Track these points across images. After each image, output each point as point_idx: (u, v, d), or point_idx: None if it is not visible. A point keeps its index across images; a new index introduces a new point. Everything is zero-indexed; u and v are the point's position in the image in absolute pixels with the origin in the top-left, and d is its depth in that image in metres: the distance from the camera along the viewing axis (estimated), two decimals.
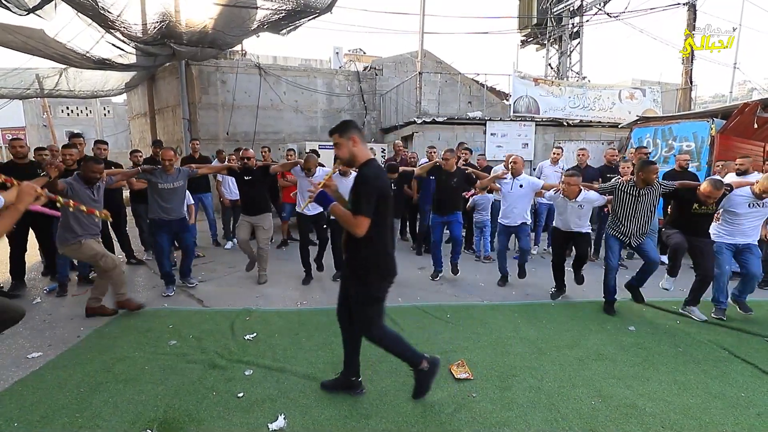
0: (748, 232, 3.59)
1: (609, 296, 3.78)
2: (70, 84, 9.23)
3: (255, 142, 9.72)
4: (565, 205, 3.94)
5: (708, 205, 3.48)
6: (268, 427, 2.12)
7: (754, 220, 3.59)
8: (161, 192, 3.95)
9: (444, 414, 2.24)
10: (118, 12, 5.16)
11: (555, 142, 8.82)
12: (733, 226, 3.62)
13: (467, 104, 11.27)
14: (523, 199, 4.38)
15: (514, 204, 4.37)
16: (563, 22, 13.02)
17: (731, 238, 3.63)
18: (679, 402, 2.37)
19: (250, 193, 4.41)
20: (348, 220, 2.03)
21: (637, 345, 3.10)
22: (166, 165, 3.92)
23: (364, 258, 2.12)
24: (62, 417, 2.19)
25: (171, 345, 3.03)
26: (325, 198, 2.10)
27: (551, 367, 2.75)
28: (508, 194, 4.40)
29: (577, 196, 3.81)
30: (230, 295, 4.15)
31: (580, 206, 3.89)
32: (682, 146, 6.52)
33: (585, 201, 3.86)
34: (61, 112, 19.95)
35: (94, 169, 3.34)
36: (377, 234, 2.05)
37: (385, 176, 2.15)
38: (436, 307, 3.83)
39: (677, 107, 10.16)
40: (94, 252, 3.35)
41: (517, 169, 4.33)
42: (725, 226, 3.68)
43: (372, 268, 2.12)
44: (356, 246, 2.10)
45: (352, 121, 2.21)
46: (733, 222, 3.63)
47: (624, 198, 3.64)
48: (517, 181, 4.35)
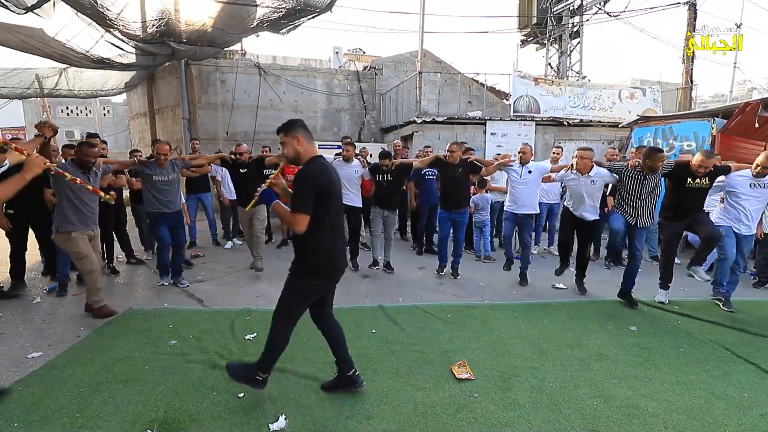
0: (752, 215, 3.66)
1: (617, 247, 4.03)
2: (70, 84, 9.23)
3: (255, 141, 9.70)
4: (578, 181, 3.98)
5: (701, 177, 3.56)
6: (269, 427, 2.11)
7: (757, 203, 3.67)
8: (156, 184, 4.01)
9: (445, 414, 2.23)
10: (118, 11, 5.15)
11: (555, 142, 8.81)
12: (737, 209, 3.69)
13: (467, 104, 11.25)
14: (533, 185, 4.45)
15: (523, 190, 4.42)
16: (563, 22, 13.01)
17: (736, 223, 3.71)
18: (682, 402, 2.36)
19: (245, 186, 4.49)
20: (287, 218, 2.09)
21: (638, 345, 3.09)
22: (160, 159, 3.97)
23: (304, 254, 2.15)
24: (62, 417, 2.18)
25: (171, 345, 3.02)
26: (269, 196, 2.18)
27: (553, 367, 2.74)
28: (518, 181, 4.44)
29: (589, 171, 3.90)
30: (230, 295, 4.14)
31: (593, 182, 3.93)
32: (683, 146, 6.52)
33: (597, 176, 3.92)
34: (61, 112, 19.93)
35: (88, 153, 3.29)
36: (317, 230, 2.07)
37: (329, 174, 2.15)
38: (437, 307, 3.83)
39: (677, 107, 10.16)
40: (78, 249, 3.28)
41: (526, 158, 4.40)
42: (729, 210, 3.74)
43: (310, 264, 2.13)
44: (299, 241, 2.15)
45: (298, 120, 2.25)
46: (736, 205, 3.70)
47: (630, 182, 3.75)
48: (526, 167, 4.41)
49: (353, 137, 8.80)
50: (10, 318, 3.52)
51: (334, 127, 10.48)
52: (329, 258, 2.16)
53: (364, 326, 3.36)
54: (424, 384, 2.52)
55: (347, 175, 4.62)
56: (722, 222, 3.78)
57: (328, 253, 2.15)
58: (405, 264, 5.30)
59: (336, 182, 2.19)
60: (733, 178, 3.69)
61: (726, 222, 3.76)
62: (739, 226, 3.72)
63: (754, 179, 3.63)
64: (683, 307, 3.87)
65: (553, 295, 4.24)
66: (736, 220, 3.73)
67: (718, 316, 3.64)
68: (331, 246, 2.16)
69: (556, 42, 13.62)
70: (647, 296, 4.06)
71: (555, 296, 4.22)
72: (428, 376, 2.60)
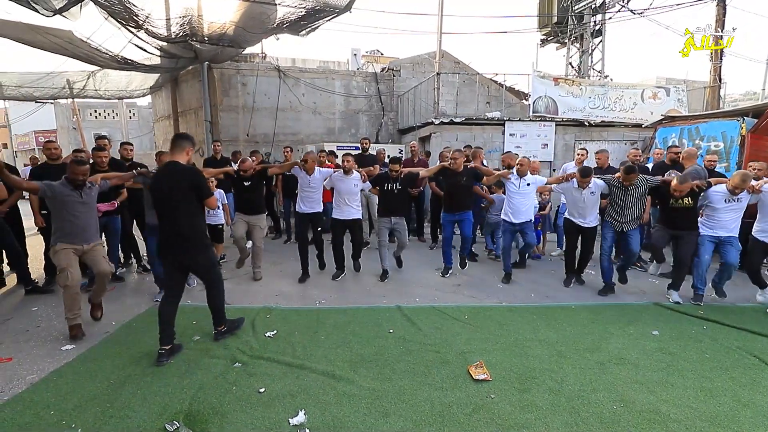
0: (727, 225, 3.93)
1: (605, 277, 4.35)
2: (97, 85, 9.74)
3: (274, 143, 9.88)
4: (579, 193, 4.28)
5: (679, 199, 3.89)
6: (288, 422, 2.17)
7: (732, 213, 3.92)
8: None
9: (462, 414, 2.24)
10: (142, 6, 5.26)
11: (576, 143, 8.65)
12: (714, 220, 3.98)
13: (485, 104, 11.16)
14: (529, 197, 4.65)
15: (520, 202, 4.60)
16: (585, 20, 12.75)
17: (713, 231, 3.99)
18: (706, 409, 2.31)
19: (248, 197, 4.58)
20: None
21: (660, 350, 3.03)
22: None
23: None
24: (94, 407, 2.29)
25: (195, 340, 3.13)
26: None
27: (571, 370, 2.72)
28: (516, 193, 4.61)
29: (589, 183, 4.25)
30: (250, 293, 4.24)
31: (591, 192, 4.26)
32: (710, 146, 6.31)
33: (596, 186, 4.25)
34: (89, 115, 20.69)
35: (76, 171, 3.15)
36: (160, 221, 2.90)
37: (158, 179, 2.87)
38: (454, 308, 3.83)
39: (705, 106, 9.81)
40: (58, 262, 3.13)
41: (523, 171, 4.57)
42: (708, 221, 4.03)
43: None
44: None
45: (184, 134, 2.97)
46: (713, 217, 3.98)
47: (616, 192, 4.19)
48: (524, 180, 4.57)
49: (371, 138, 8.84)
50: (44, 312, 3.72)
51: (352, 128, 10.57)
52: (171, 239, 2.84)
53: (382, 326, 3.39)
54: (441, 384, 2.53)
55: (347, 189, 4.59)
56: (703, 232, 4.05)
57: (167, 235, 2.85)
58: (422, 265, 5.32)
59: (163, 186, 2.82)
60: (710, 194, 3.95)
61: (705, 231, 4.04)
62: (718, 232, 3.97)
63: (729, 195, 3.85)
64: (708, 312, 3.76)
65: (571, 298, 4.19)
66: (713, 229, 3.99)
67: (745, 323, 3.52)
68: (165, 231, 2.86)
69: (577, 41, 13.35)
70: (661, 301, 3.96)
71: (573, 299, 4.16)
72: (445, 376, 2.62)
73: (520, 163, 4.58)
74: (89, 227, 3.28)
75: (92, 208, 3.32)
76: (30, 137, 22.28)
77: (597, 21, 12.79)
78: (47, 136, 19.94)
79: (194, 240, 2.88)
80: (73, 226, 3.18)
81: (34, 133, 21.88)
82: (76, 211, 3.18)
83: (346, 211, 4.63)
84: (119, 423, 2.16)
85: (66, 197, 3.14)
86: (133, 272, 5.09)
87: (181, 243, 2.84)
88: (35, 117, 18.22)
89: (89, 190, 3.28)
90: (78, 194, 3.19)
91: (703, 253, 4.00)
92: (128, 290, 4.43)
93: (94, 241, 3.34)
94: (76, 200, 3.17)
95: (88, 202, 3.27)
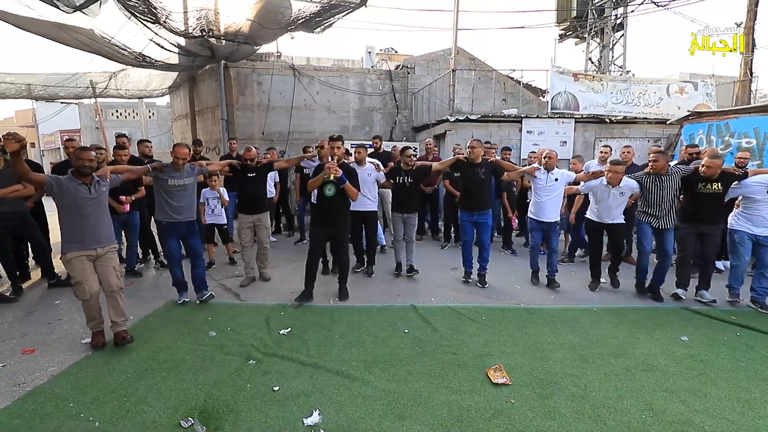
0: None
1: (641, 275, 4.13)
2: (118, 85, 10.02)
3: (289, 141, 9.92)
4: (607, 192, 4.08)
5: (711, 181, 3.68)
6: (303, 422, 2.13)
7: None
8: (170, 189, 3.66)
9: (481, 419, 2.16)
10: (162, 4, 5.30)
11: (596, 140, 8.41)
12: (752, 212, 3.76)
13: (502, 101, 10.97)
14: (558, 193, 4.37)
15: (548, 197, 4.34)
16: (605, 14, 12.38)
17: (752, 226, 3.76)
18: (744, 422, 2.17)
19: (251, 191, 4.39)
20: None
21: (691, 357, 2.88)
22: (179, 163, 3.62)
23: None
24: (112, 400, 2.30)
25: (210, 336, 3.13)
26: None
27: (595, 375, 2.60)
28: (543, 188, 4.36)
29: (619, 183, 4.02)
30: (265, 291, 4.24)
31: (621, 193, 4.07)
32: (741, 143, 6.03)
33: (626, 187, 4.05)
34: (111, 115, 21.27)
35: (81, 156, 2.89)
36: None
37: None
38: (471, 308, 3.74)
39: (734, 101, 9.39)
40: (72, 273, 2.91)
41: (551, 164, 4.32)
42: (745, 213, 3.81)
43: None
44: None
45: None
46: (751, 209, 3.76)
47: (649, 187, 3.95)
48: (551, 174, 4.33)
49: (385, 136, 8.77)
50: (67, 306, 3.79)
51: (366, 126, 10.53)
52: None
53: (397, 326, 3.33)
54: (459, 387, 2.46)
55: (361, 179, 4.37)
56: (738, 226, 3.85)
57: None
58: (437, 264, 5.23)
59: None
60: (749, 184, 3.72)
61: (742, 227, 3.81)
62: (757, 228, 3.75)
63: None
64: (741, 317, 3.57)
65: (592, 301, 4.04)
66: (752, 222, 3.77)
67: None
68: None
69: (598, 35, 12.97)
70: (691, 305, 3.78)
71: (595, 302, 4.01)
72: (463, 379, 2.54)
73: (548, 156, 4.29)
74: (101, 227, 3.00)
75: (102, 204, 3.03)
76: (56, 137, 23.00)
77: (618, 14, 12.41)
78: (71, 135, 20.55)
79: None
80: (83, 227, 2.91)
81: (59, 133, 22.58)
82: (85, 209, 2.90)
83: (362, 202, 4.46)
84: (136, 417, 2.16)
85: (74, 192, 2.86)
86: (150, 268, 5.16)
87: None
88: (61, 117, 18.83)
89: (98, 185, 3.00)
90: (87, 189, 2.92)
91: (743, 254, 3.80)
92: (146, 285, 4.49)
93: (108, 244, 3.04)
94: (84, 195, 2.89)
95: (98, 197, 2.98)
